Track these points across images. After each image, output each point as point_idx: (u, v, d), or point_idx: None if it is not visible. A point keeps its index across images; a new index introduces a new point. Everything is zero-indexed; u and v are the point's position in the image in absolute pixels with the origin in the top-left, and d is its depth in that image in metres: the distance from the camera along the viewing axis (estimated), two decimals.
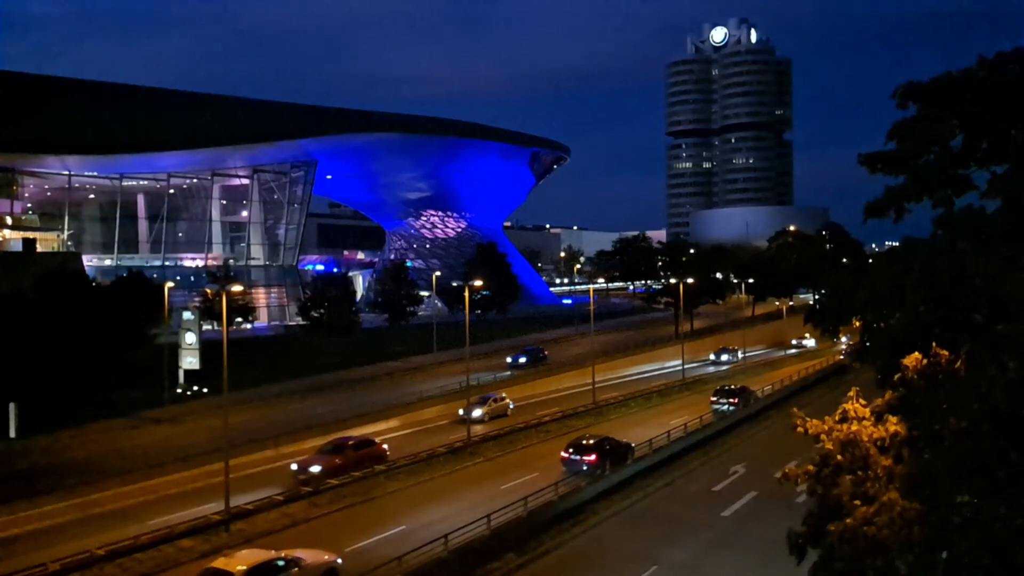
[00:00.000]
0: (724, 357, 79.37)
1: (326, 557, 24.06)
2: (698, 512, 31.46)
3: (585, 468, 35.85)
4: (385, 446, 38.57)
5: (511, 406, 51.40)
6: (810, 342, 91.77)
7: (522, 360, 69.19)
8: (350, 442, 37.60)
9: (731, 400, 50.66)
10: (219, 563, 22.49)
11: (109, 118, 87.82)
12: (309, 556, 23.57)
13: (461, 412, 47.95)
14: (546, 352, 72.74)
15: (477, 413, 47.88)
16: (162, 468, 35.87)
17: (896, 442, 14.78)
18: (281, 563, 22.46)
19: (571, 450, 37.11)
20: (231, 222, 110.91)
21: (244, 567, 21.71)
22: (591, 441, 37.82)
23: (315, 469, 34.50)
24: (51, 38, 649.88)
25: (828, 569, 13.41)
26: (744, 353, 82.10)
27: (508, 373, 65.19)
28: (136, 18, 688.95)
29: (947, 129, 13.76)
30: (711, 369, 74.43)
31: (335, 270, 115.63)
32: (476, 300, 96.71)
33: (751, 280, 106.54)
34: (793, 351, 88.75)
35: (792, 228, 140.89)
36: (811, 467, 16.00)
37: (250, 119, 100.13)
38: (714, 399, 51.68)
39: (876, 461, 15.09)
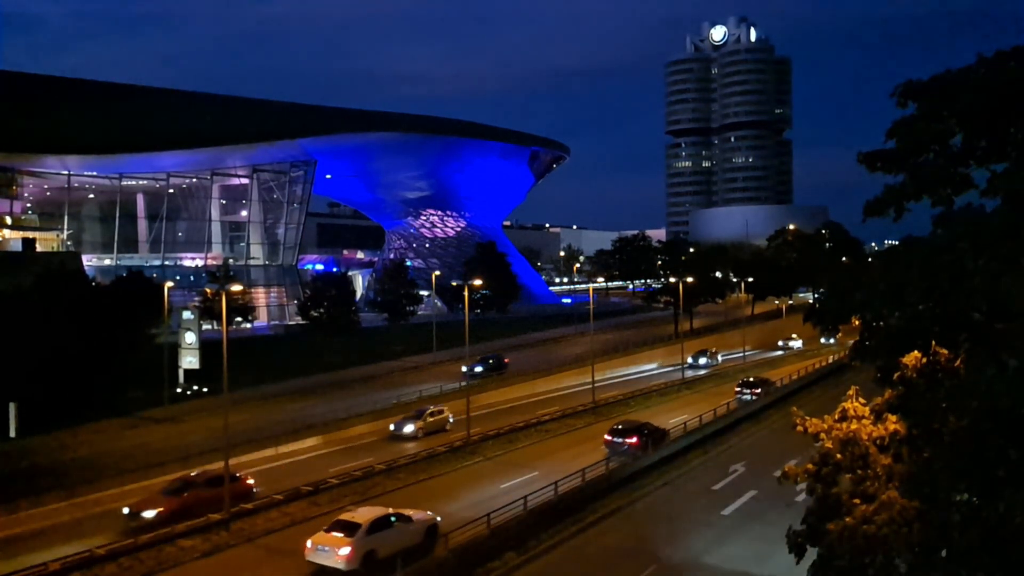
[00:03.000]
0: (702, 360, 75.22)
1: (428, 515, 27.90)
2: (698, 511, 31.48)
3: (626, 449, 38.37)
4: (251, 481, 32.74)
5: (451, 420, 46.44)
6: (797, 343, 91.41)
7: (478, 369, 63.53)
8: (200, 479, 31.33)
9: (754, 390, 54.17)
10: (346, 516, 26.40)
11: (109, 118, 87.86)
12: (415, 514, 27.51)
13: (392, 428, 44.62)
14: (507, 360, 67.72)
15: (409, 429, 43.97)
16: (162, 468, 35.89)
17: (895, 440, 14.80)
18: (393, 519, 26.35)
19: (614, 434, 39.74)
20: (231, 222, 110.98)
21: (369, 519, 25.69)
22: (632, 425, 40.46)
23: (149, 514, 28.75)
24: (50, 38, 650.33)
25: (828, 567, 13.42)
26: (742, 354, 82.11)
27: (460, 384, 58.47)
28: (136, 17, 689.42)
29: (946, 128, 13.76)
30: (689, 373, 69.97)
31: (335, 269, 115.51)
32: (476, 299, 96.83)
33: (750, 279, 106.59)
34: (779, 352, 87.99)
35: (791, 227, 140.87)
36: (811, 466, 16.02)
37: (249, 119, 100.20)
38: (738, 389, 55.19)
39: (875, 460, 15.11)
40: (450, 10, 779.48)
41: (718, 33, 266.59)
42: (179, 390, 53.02)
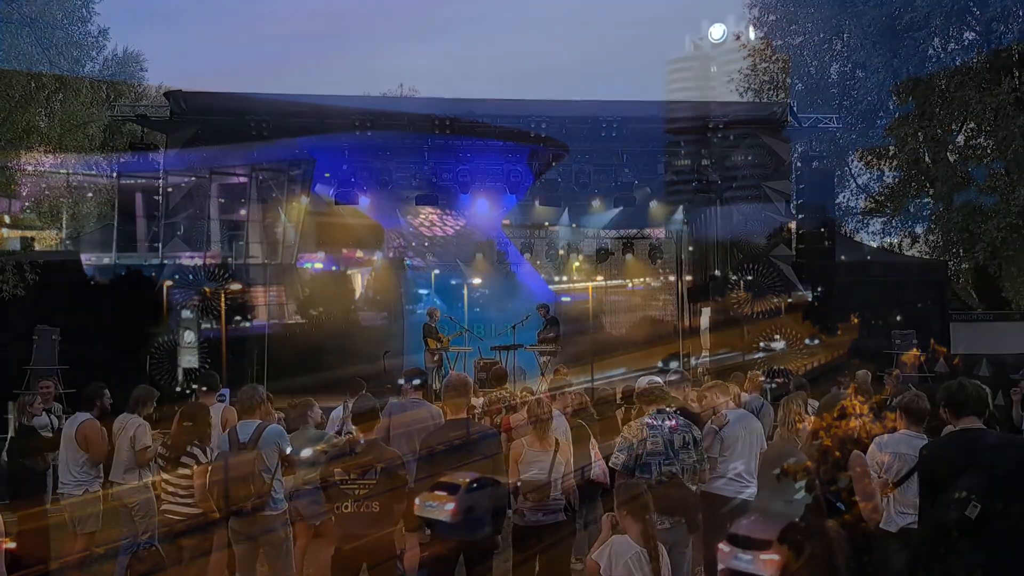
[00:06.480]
0: (673, 364, 75.82)
1: (511, 480, 29.71)
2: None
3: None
4: (12, 544, 24.28)
5: (361, 441, 43.81)
6: (780, 344, 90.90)
7: (416, 382, 62.22)
8: None
9: (777, 380, 57.24)
10: (445, 479, 26.94)
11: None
12: (501, 478, 28.85)
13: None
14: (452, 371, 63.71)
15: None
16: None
17: None
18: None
19: (652, 418, 41.62)
20: (229, 220, 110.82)
21: (466, 481, 26.46)
22: (669, 409, 42.74)
23: None
24: None
25: None
26: (740, 355, 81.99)
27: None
28: (135, 16, 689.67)
29: (946, 126, 13.79)
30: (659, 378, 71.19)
31: (333, 268, 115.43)
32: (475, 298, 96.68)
33: (749, 277, 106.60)
34: (761, 355, 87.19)
35: (791, 225, 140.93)
36: (809, 464, 16.04)
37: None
38: (764, 378, 58.32)
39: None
40: (450, 8, 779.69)
41: (717, 31, 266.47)
42: (178, 389, 52.96)
